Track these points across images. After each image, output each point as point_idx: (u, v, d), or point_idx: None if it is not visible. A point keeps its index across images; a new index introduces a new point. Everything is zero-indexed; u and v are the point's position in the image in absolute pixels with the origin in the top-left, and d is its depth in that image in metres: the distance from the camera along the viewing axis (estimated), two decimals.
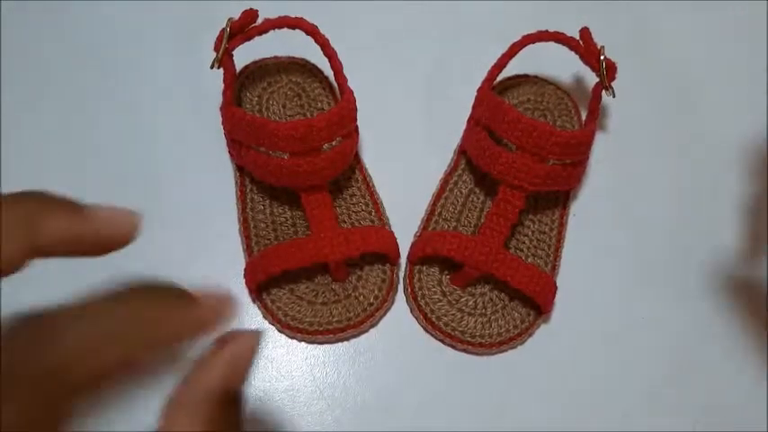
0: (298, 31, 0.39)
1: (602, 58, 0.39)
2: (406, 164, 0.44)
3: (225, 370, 0.22)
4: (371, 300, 0.39)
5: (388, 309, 0.40)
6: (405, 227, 0.42)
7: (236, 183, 0.42)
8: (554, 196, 0.42)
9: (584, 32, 0.40)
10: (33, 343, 0.18)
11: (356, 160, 0.43)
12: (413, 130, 0.46)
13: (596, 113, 0.41)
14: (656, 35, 0.50)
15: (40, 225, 0.21)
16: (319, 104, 0.44)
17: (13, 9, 0.49)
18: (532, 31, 0.40)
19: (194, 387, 0.21)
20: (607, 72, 0.39)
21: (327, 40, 0.39)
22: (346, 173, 0.42)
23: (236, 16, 0.37)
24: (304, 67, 0.45)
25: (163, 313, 0.21)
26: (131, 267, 0.24)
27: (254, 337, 0.22)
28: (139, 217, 0.23)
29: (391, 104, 0.46)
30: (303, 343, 0.39)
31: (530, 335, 0.40)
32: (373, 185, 0.43)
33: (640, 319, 0.40)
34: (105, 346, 0.19)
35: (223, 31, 0.37)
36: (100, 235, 0.22)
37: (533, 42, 0.40)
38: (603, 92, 0.40)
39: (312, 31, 0.39)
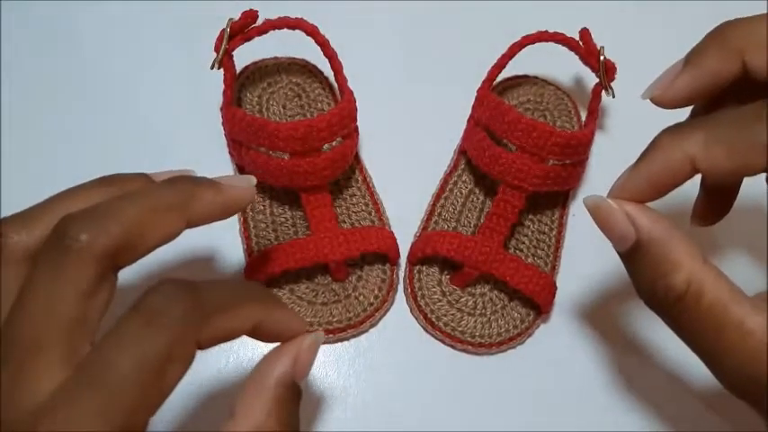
0: (298, 31, 0.39)
1: (601, 58, 0.39)
2: (406, 164, 0.44)
3: (291, 363, 0.25)
4: (371, 300, 0.39)
5: (388, 309, 0.40)
6: (405, 227, 0.42)
7: None
8: (554, 196, 0.42)
9: (585, 33, 0.40)
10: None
11: (356, 160, 0.43)
12: (413, 131, 0.46)
13: (596, 113, 0.41)
14: (655, 35, 0.50)
15: (192, 202, 0.25)
16: (319, 105, 0.44)
17: (13, 8, 0.49)
18: (532, 31, 0.41)
19: (266, 375, 0.25)
20: (607, 72, 0.39)
21: (327, 41, 0.39)
22: (346, 173, 0.43)
23: (237, 17, 0.37)
24: (304, 68, 0.45)
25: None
26: (131, 267, 0.24)
27: (316, 336, 0.26)
28: (253, 179, 0.28)
29: (391, 104, 0.46)
30: None
31: (530, 335, 0.40)
32: (373, 185, 0.43)
33: (640, 318, 0.40)
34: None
35: (223, 31, 0.38)
36: (231, 202, 0.26)
37: (533, 42, 0.40)
38: (603, 92, 0.40)
39: (312, 31, 0.39)
